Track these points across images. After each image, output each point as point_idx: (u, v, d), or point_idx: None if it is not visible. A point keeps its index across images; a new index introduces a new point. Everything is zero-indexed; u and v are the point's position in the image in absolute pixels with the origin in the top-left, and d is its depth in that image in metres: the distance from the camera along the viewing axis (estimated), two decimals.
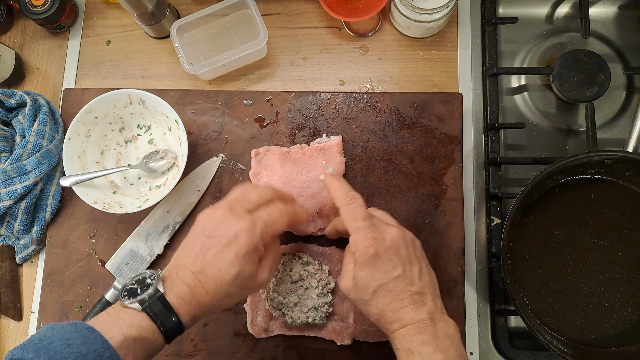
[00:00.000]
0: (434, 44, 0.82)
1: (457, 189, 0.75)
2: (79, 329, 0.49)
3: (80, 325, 0.49)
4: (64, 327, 0.49)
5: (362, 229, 0.56)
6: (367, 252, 0.55)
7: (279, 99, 0.79)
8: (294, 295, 0.68)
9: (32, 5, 0.80)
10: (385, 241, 0.56)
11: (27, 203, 0.74)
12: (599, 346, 0.66)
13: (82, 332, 0.48)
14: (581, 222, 0.69)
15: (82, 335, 0.48)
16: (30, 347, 0.47)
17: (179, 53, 0.76)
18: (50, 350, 0.46)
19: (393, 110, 0.77)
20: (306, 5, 0.85)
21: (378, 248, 0.55)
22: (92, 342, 0.48)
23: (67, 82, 0.85)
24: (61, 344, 0.47)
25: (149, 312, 0.52)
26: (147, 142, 0.79)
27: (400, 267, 0.56)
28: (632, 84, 0.81)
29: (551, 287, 0.69)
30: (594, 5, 0.83)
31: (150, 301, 0.52)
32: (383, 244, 0.56)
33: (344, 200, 0.59)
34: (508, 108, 0.82)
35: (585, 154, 0.65)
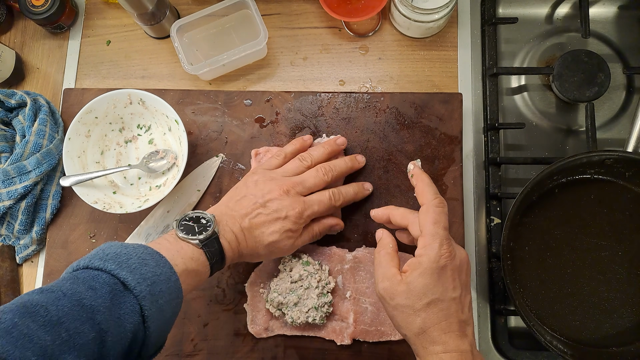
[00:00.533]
0: (434, 44, 0.82)
1: (457, 189, 0.75)
2: (151, 252, 0.53)
3: (151, 249, 0.53)
4: (135, 247, 0.52)
5: (440, 236, 0.55)
6: (438, 261, 0.54)
7: (279, 99, 0.79)
8: (294, 295, 0.68)
9: (32, 5, 0.80)
10: (456, 259, 0.55)
11: (27, 203, 0.74)
12: (599, 346, 0.66)
13: (154, 256, 0.52)
14: (581, 222, 0.69)
15: (154, 258, 0.52)
16: (109, 258, 0.50)
17: (179, 53, 0.77)
18: (131, 266, 0.50)
19: (393, 110, 0.77)
20: (306, 5, 0.85)
21: (449, 263, 0.54)
22: (163, 266, 0.52)
23: (67, 82, 0.85)
24: (139, 262, 0.50)
25: (206, 251, 0.57)
26: (147, 142, 0.79)
27: (459, 290, 0.55)
28: (632, 84, 0.81)
29: (551, 287, 0.69)
30: (594, 5, 0.83)
31: (208, 241, 0.57)
32: (453, 261, 0.55)
33: (433, 200, 0.58)
34: (508, 108, 0.82)
35: (585, 154, 0.65)
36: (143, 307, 0.49)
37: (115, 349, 0.47)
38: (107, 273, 0.49)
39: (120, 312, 0.48)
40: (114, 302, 0.47)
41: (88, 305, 0.46)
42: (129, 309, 0.48)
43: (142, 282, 0.49)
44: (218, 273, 0.74)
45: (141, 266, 0.50)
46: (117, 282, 0.49)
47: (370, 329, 0.70)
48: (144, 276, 0.49)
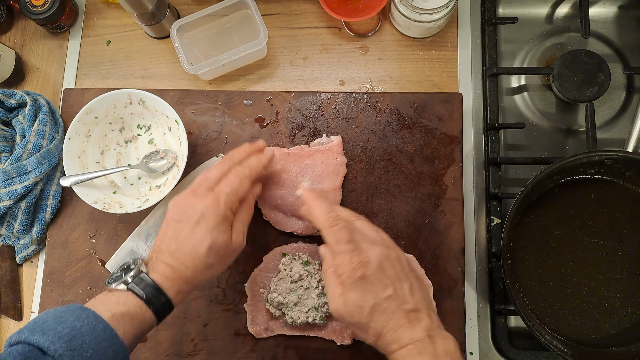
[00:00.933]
0: (434, 44, 0.82)
1: (457, 189, 0.75)
2: (72, 308, 0.52)
3: (73, 306, 0.52)
4: (57, 309, 0.52)
5: (346, 252, 0.55)
6: (354, 275, 0.55)
7: (279, 99, 0.79)
8: (294, 295, 0.68)
9: (32, 5, 0.80)
10: (371, 262, 0.55)
11: (27, 203, 0.74)
12: (599, 346, 0.66)
13: (74, 311, 0.51)
14: (581, 222, 0.69)
15: (74, 313, 0.51)
16: (26, 328, 0.49)
17: (179, 53, 0.77)
18: (45, 328, 0.48)
19: (393, 110, 0.77)
20: (306, 5, 0.85)
21: (365, 271, 0.55)
22: (85, 317, 0.50)
23: (67, 82, 0.85)
24: (55, 321, 0.49)
25: (133, 290, 0.55)
26: (147, 142, 0.79)
27: (390, 287, 0.55)
28: (632, 84, 0.81)
29: (551, 287, 0.69)
30: (594, 5, 0.83)
31: (134, 280, 0.55)
32: (369, 266, 0.55)
33: (325, 222, 0.58)
34: (508, 108, 0.82)
35: (585, 154, 0.65)
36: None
37: None
38: (21, 344, 0.48)
39: None
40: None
41: None
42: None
43: (57, 340, 0.47)
44: None
45: (57, 324, 0.49)
46: (31, 349, 0.47)
47: None
48: (59, 334, 0.48)
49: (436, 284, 0.72)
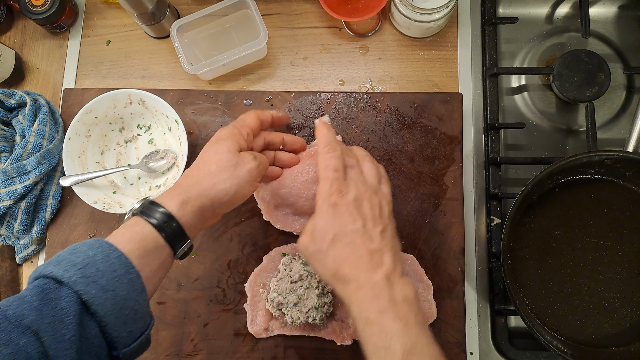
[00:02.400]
0: (434, 44, 0.82)
1: (457, 189, 0.75)
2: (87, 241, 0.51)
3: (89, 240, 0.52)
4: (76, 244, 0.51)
5: (329, 178, 0.56)
6: (327, 200, 0.55)
7: (279, 99, 0.79)
8: (294, 295, 0.68)
9: (32, 5, 0.80)
10: (349, 194, 0.55)
11: (27, 203, 0.74)
12: (599, 346, 0.66)
13: (88, 242, 0.50)
14: (581, 222, 0.69)
15: (88, 244, 0.50)
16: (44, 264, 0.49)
17: (179, 53, 0.77)
18: (60, 259, 0.48)
19: (393, 110, 0.77)
20: (306, 5, 0.85)
21: (339, 199, 0.55)
22: (98, 247, 0.49)
23: (67, 82, 0.85)
24: (68, 252, 0.49)
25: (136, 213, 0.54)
26: (147, 142, 0.79)
27: (360, 222, 0.54)
28: (632, 84, 0.81)
29: (551, 287, 0.69)
30: (594, 5, 0.83)
31: (142, 205, 0.55)
32: (346, 197, 0.55)
33: (323, 147, 0.59)
34: (508, 108, 0.82)
35: (585, 154, 0.65)
36: (79, 293, 0.46)
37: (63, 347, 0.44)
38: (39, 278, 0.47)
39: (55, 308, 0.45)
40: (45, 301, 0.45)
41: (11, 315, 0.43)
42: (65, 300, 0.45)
43: (71, 268, 0.47)
44: (217, 273, 0.74)
45: (70, 255, 0.48)
46: (47, 281, 0.46)
47: None
48: (73, 262, 0.47)
49: (436, 284, 0.72)
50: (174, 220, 0.54)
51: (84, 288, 0.46)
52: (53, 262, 0.48)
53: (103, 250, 0.49)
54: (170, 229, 0.54)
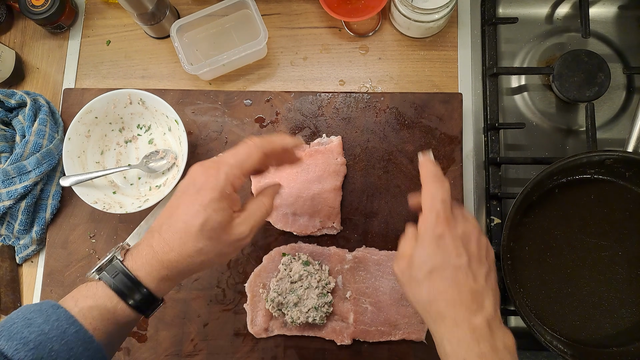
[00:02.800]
0: (434, 44, 0.82)
1: (457, 189, 0.75)
2: (44, 307, 0.47)
3: (46, 304, 0.47)
4: (29, 307, 0.47)
5: (436, 208, 0.52)
6: (433, 230, 0.51)
7: (279, 99, 0.79)
8: (294, 295, 0.68)
9: (32, 5, 0.80)
10: (457, 228, 0.52)
11: (27, 203, 0.74)
12: (599, 346, 0.66)
13: (45, 310, 0.46)
14: (581, 222, 0.69)
15: (45, 313, 0.46)
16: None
17: (179, 53, 0.77)
18: (12, 332, 0.44)
19: (393, 110, 0.77)
20: (306, 5, 0.85)
21: (446, 231, 0.51)
22: (55, 320, 0.46)
23: (67, 82, 0.85)
24: (23, 324, 0.45)
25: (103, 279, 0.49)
26: (147, 142, 0.79)
27: (465, 257, 0.51)
28: (632, 84, 0.81)
29: (551, 287, 0.69)
30: (594, 5, 0.83)
31: (107, 268, 0.50)
32: (453, 230, 0.51)
33: (431, 178, 0.54)
34: (508, 108, 0.82)
35: (585, 154, 0.65)
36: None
37: None
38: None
39: None
40: None
41: None
42: None
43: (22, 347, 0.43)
44: (217, 273, 0.74)
45: (24, 328, 0.44)
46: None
47: (370, 329, 0.70)
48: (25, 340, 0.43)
49: None
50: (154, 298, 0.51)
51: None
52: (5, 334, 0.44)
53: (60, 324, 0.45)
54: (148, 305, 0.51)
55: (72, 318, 0.46)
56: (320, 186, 0.72)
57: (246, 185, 0.76)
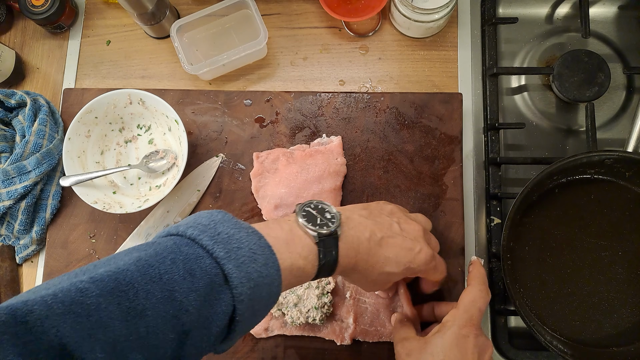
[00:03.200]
0: (434, 44, 0.82)
1: (457, 189, 0.75)
2: (263, 244, 0.46)
3: (263, 241, 0.46)
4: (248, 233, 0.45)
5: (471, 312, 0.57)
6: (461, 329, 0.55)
7: (279, 99, 0.79)
8: (293, 295, 0.68)
9: (32, 5, 0.80)
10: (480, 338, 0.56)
11: (27, 203, 0.74)
12: (599, 346, 0.66)
13: (265, 251, 0.45)
14: (581, 222, 0.69)
15: (265, 254, 0.45)
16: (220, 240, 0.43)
17: (179, 53, 0.77)
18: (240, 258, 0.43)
19: (393, 110, 0.77)
20: (306, 5, 0.85)
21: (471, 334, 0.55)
22: (271, 266, 0.45)
23: (67, 82, 0.85)
24: (249, 255, 0.44)
25: (320, 249, 0.49)
26: (147, 142, 0.79)
27: None
28: (632, 84, 0.81)
29: (551, 287, 0.69)
30: (594, 5, 0.83)
31: (326, 238, 0.50)
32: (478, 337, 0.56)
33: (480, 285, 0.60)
34: (508, 108, 0.82)
35: (585, 154, 0.65)
36: (236, 310, 0.42)
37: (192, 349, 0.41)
38: (212, 258, 0.42)
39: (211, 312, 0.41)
40: (207, 300, 0.41)
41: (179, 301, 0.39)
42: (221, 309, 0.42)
43: (246, 282, 0.42)
44: None
45: (250, 262, 0.43)
46: (218, 273, 0.42)
47: (370, 329, 0.70)
48: (249, 276, 0.43)
49: None
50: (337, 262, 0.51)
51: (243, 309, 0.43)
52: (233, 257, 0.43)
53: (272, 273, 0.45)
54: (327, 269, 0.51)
55: (280, 272, 0.46)
56: (320, 186, 0.72)
57: (246, 185, 0.76)
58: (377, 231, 0.54)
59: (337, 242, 0.50)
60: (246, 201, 0.76)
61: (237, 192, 0.76)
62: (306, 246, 0.49)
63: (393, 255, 0.54)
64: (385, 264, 0.54)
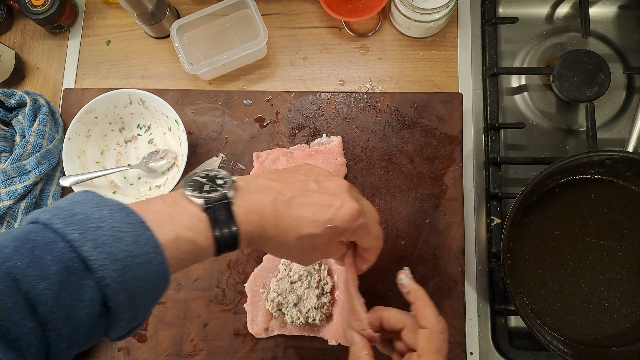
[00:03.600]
0: (434, 44, 0.82)
1: (457, 189, 0.75)
2: (132, 220, 0.40)
3: (133, 217, 0.41)
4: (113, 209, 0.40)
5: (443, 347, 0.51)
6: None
7: (279, 99, 0.79)
8: (293, 295, 0.68)
9: (32, 5, 0.80)
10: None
11: (27, 203, 0.74)
12: (599, 346, 0.66)
13: (135, 227, 0.40)
14: (581, 222, 0.69)
15: (135, 230, 0.40)
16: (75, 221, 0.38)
17: (179, 53, 0.76)
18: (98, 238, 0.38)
19: (393, 110, 0.77)
20: (306, 5, 0.85)
21: None
22: (144, 243, 0.40)
23: (67, 82, 0.85)
24: (111, 234, 0.38)
25: (210, 216, 0.44)
26: (147, 142, 0.79)
27: None
28: (632, 84, 0.81)
29: (551, 287, 0.69)
30: (594, 5, 0.83)
31: (215, 204, 0.44)
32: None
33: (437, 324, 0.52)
34: (508, 108, 0.82)
35: (585, 154, 0.65)
36: (107, 297, 0.38)
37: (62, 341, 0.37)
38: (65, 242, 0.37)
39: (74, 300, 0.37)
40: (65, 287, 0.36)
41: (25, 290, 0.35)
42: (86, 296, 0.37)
43: (109, 264, 0.37)
44: (217, 273, 0.74)
45: (113, 241, 0.38)
46: (74, 258, 0.37)
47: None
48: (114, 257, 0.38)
49: (436, 284, 0.72)
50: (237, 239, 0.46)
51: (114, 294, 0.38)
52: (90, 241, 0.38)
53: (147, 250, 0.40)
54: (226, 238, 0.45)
55: (160, 248, 0.41)
56: None
57: None
58: (286, 191, 0.48)
59: (229, 207, 0.45)
60: None
61: None
62: (193, 215, 0.44)
63: (309, 214, 0.47)
64: (301, 226, 0.47)
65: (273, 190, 0.48)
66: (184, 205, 0.44)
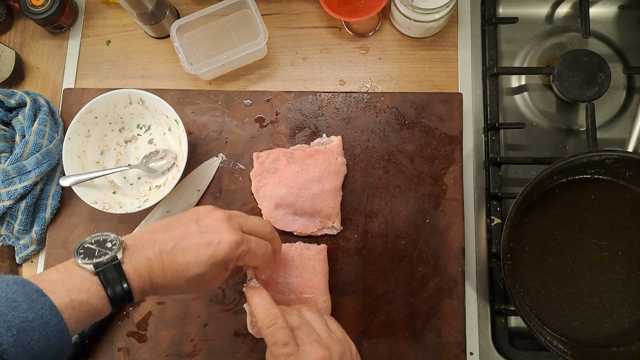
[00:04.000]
0: (434, 44, 0.82)
1: (457, 189, 0.75)
2: (27, 290, 0.45)
3: (28, 286, 0.45)
4: (9, 284, 0.45)
5: (283, 356, 0.54)
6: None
7: (279, 99, 0.79)
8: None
9: (32, 5, 0.80)
10: None
11: (27, 203, 0.74)
12: (599, 346, 0.66)
13: (29, 295, 0.45)
14: (581, 222, 0.69)
15: (29, 298, 0.44)
16: None
17: (179, 53, 0.76)
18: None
19: (393, 110, 0.77)
20: (306, 5, 0.85)
21: None
22: (39, 308, 0.44)
23: (67, 82, 0.85)
24: (7, 306, 0.43)
25: (101, 278, 0.49)
26: (147, 142, 0.79)
27: None
28: (632, 84, 0.81)
29: (551, 287, 0.69)
30: (594, 5, 0.83)
31: (105, 267, 0.49)
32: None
33: (264, 320, 0.56)
34: (508, 108, 0.82)
35: (585, 154, 0.65)
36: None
37: None
38: None
39: None
40: None
41: None
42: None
43: (5, 331, 0.42)
44: None
45: (8, 311, 0.43)
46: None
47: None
48: (9, 324, 0.42)
49: (436, 284, 0.72)
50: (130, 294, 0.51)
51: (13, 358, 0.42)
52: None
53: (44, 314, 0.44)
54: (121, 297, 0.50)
55: (56, 310, 0.45)
56: (320, 186, 0.72)
57: (246, 185, 0.76)
58: (169, 241, 0.52)
59: (119, 267, 0.50)
60: (246, 201, 0.76)
61: (237, 192, 0.76)
62: (85, 279, 0.48)
63: (192, 257, 0.52)
64: (187, 269, 0.52)
65: (157, 243, 0.52)
66: (76, 272, 0.49)
